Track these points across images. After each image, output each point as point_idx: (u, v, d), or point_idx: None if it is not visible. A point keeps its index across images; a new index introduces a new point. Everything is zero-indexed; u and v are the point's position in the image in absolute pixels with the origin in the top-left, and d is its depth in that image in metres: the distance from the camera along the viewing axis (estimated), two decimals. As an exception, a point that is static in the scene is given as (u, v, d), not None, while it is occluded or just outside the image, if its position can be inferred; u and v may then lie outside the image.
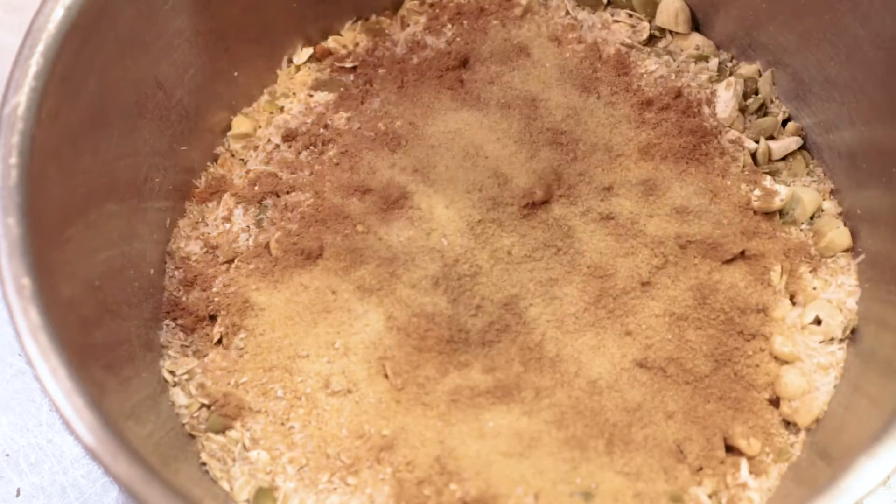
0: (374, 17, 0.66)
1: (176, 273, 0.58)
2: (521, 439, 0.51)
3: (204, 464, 0.53)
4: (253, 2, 0.61)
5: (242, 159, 0.62)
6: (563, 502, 0.50)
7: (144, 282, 0.56)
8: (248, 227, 0.59)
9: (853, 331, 0.55)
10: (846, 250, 0.57)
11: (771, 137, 0.61)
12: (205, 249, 0.58)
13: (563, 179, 0.57)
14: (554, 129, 0.59)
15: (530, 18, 0.64)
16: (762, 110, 0.62)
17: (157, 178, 0.57)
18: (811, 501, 0.43)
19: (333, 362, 0.53)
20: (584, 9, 0.65)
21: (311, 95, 0.63)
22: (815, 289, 0.56)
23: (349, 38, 0.65)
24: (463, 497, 0.50)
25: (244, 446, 0.53)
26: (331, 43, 0.65)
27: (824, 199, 0.59)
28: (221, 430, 0.53)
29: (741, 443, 0.52)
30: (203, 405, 0.54)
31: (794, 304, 0.56)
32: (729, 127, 0.60)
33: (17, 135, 0.46)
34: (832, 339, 0.55)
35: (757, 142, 0.60)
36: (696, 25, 0.65)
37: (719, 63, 0.63)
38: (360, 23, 0.66)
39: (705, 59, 0.63)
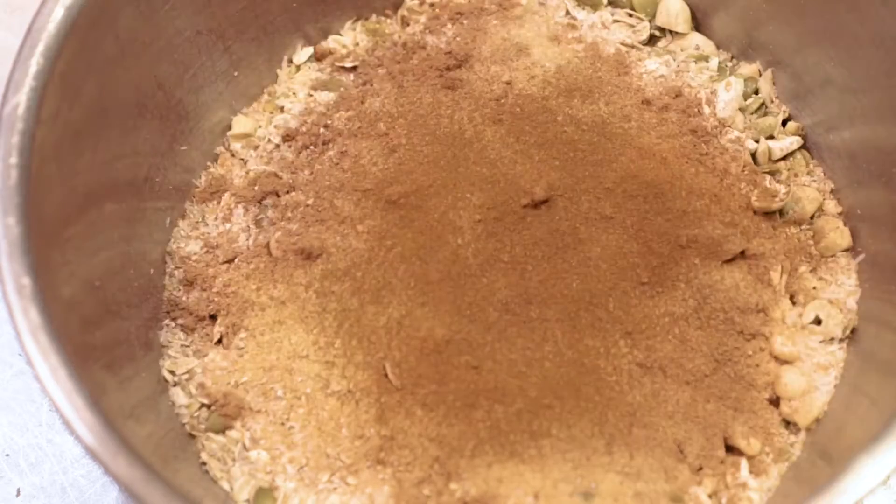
0: (374, 17, 0.66)
1: (176, 273, 0.58)
2: (521, 439, 0.51)
3: (204, 464, 0.53)
4: (253, 2, 0.61)
5: (242, 159, 0.62)
6: (563, 502, 0.50)
7: (144, 281, 0.56)
8: (248, 226, 0.59)
9: (853, 331, 0.55)
10: (846, 250, 0.58)
11: (771, 137, 0.61)
12: (205, 249, 0.58)
13: (564, 179, 0.57)
14: (554, 129, 0.59)
15: (530, 18, 0.64)
16: (762, 110, 0.62)
17: (157, 177, 0.57)
18: (811, 501, 0.43)
19: (333, 362, 0.53)
20: (583, 8, 0.65)
21: (311, 95, 0.63)
22: (815, 289, 0.56)
23: (349, 38, 0.65)
24: (463, 497, 0.50)
25: (244, 446, 0.53)
26: (331, 43, 0.65)
27: (824, 199, 0.59)
28: (221, 430, 0.53)
29: (741, 443, 0.52)
30: (203, 405, 0.54)
31: (794, 303, 0.56)
32: (729, 127, 0.60)
33: (17, 135, 0.46)
34: (832, 339, 0.55)
35: (757, 142, 0.60)
36: (696, 25, 0.65)
37: (719, 63, 0.63)
38: (360, 23, 0.66)
39: (705, 58, 0.63)
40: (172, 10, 0.56)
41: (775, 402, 0.54)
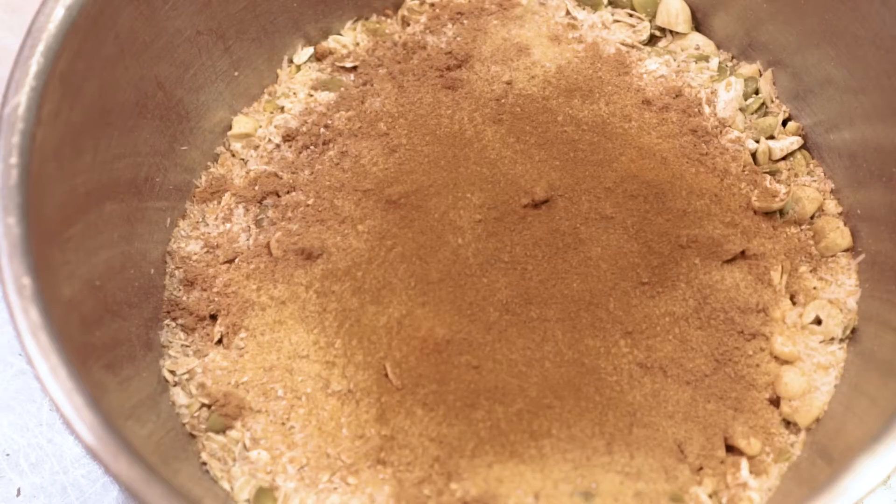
0: (374, 17, 0.66)
1: (176, 273, 0.58)
2: (521, 439, 0.51)
3: (204, 463, 0.53)
4: (253, 2, 0.61)
5: (243, 159, 0.62)
6: (564, 502, 0.50)
7: (145, 281, 0.56)
8: (248, 226, 0.59)
9: (853, 331, 0.55)
10: (846, 250, 0.58)
11: (771, 137, 0.61)
12: (205, 249, 0.58)
13: (564, 179, 0.57)
14: (554, 129, 0.59)
15: (530, 18, 0.64)
16: (762, 110, 0.62)
17: (157, 177, 0.57)
18: (811, 501, 0.43)
19: (334, 362, 0.53)
20: (584, 8, 0.65)
21: (312, 95, 0.63)
22: (815, 289, 0.56)
23: (349, 38, 0.65)
24: (463, 497, 0.50)
25: (244, 446, 0.53)
26: (331, 43, 0.65)
27: (824, 199, 0.59)
28: (222, 430, 0.53)
29: (741, 442, 0.52)
30: (203, 405, 0.54)
31: (794, 303, 0.56)
32: (729, 127, 0.60)
33: (18, 135, 0.46)
34: (832, 339, 0.55)
35: (757, 141, 0.60)
36: (696, 25, 0.65)
37: (719, 63, 0.63)
38: (360, 23, 0.66)
39: (706, 58, 0.63)
40: (172, 10, 0.56)
41: (775, 402, 0.54)
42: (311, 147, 0.60)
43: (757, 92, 0.62)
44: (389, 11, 0.66)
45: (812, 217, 0.59)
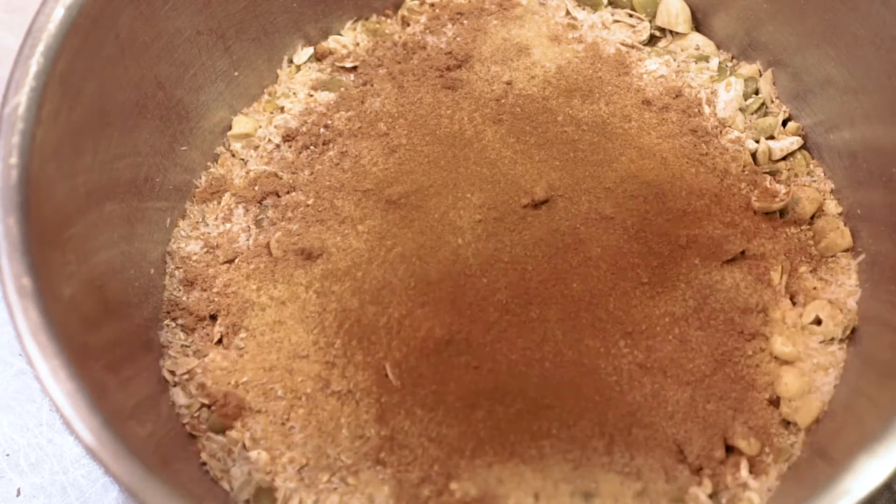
0: (374, 17, 0.66)
1: (176, 273, 0.58)
2: (521, 439, 0.51)
3: (204, 464, 0.53)
4: (253, 2, 0.61)
5: (242, 159, 0.62)
6: (564, 502, 0.50)
7: (145, 282, 0.56)
8: (248, 227, 0.59)
9: (853, 331, 0.55)
10: (846, 250, 0.57)
11: (771, 137, 0.61)
12: (205, 249, 0.58)
13: (564, 179, 0.57)
14: (554, 129, 0.59)
15: (530, 18, 0.64)
16: (762, 110, 0.62)
17: (157, 178, 0.57)
18: (811, 501, 0.43)
19: (333, 362, 0.53)
20: (584, 9, 0.65)
21: (312, 95, 0.63)
22: (815, 289, 0.56)
23: (349, 38, 0.65)
24: (463, 497, 0.50)
25: (244, 446, 0.53)
26: (331, 43, 0.65)
27: (824, 199, 0.59)
28: (222, 430, 0.53)
29: (741, 443, 0.52)
30: (203, 405, 0.54)
31: (794, 304, 0.56)
32: (729, 127, 0.60)
33: (18, 135, 0.46)
34: (832, 340, 0.55)
35: (757, 142, 0.60)
36: (696, 25, 0.65)
37: (719, 63, 0.63)
38: (360, 23, 0.66)
39: (706, 58, 0.63)
40: (172, 10, 0.56)
41: (775, 402, 0.54)
42: (311, 147, 0.60)
43: (757, 92, 0.62)
44: (389, 11, 0.66)
45: (812, 217, 0.59)
